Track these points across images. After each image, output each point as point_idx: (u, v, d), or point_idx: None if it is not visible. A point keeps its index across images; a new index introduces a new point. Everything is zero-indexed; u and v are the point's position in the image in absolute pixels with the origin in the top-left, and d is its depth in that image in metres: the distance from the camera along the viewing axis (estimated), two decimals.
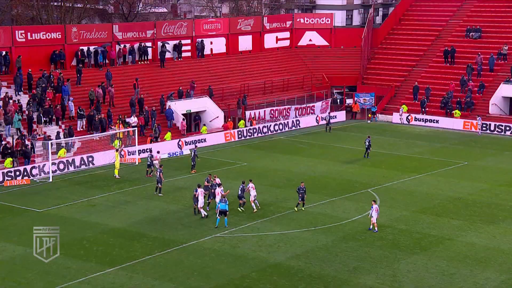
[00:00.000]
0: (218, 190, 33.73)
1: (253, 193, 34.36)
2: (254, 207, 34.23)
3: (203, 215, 33.21)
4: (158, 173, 37.60)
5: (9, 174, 40.19)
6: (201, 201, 33.25)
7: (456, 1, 68.54)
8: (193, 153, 42.89)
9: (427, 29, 66.88)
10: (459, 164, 44.65)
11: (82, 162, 43.57)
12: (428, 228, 32.40)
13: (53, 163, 41.58)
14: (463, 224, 33.09)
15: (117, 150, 42.59)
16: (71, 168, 42.91)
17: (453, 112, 57.06)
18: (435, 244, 30.44)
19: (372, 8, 71.25)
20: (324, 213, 34.49)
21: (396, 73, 63.82)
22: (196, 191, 33.45)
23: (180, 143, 48.66)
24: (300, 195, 34.11)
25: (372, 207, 31.68)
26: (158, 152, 43.24)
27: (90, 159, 44.00)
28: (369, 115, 59.46)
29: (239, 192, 34.08)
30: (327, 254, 29.07)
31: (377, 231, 31.45)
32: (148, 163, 41.32)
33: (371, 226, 31.74)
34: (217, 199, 33.23)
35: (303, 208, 34.23)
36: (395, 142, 51.61)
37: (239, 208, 34.07)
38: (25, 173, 40.75)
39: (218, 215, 32.12)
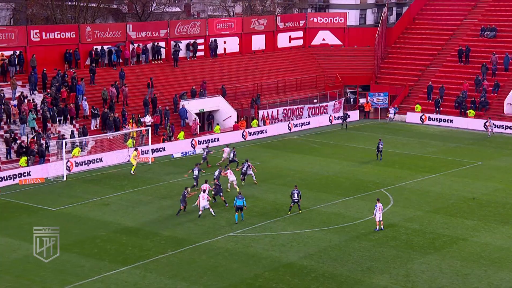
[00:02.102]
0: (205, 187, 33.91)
1: (231, 178, 36.15)
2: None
3: (200, 213, 33.31)
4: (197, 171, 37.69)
5: (23, 173, 40.44)
6: (202, 205, 33.17)
7: (470, 0, 68.11)
8: (205, 152, 42.94)
9: (442, 28, 66.51)
10: (473, 164, 44.37)
11: (96, 161, 43.75)
12: (442, 228, 32.22)
13: (67, 162, 41.77)
14: (477, 224, 32.88)
15: (136, 149, 42.83)
16: (85, 167, 43.09)
17: (468, 111, 56.70)
18: (449, 244, 30.27)
19: (386, 7, 70.96)
20: (337, 212, 34.41)
21: (410, 73, 63.51)
22: (185, 191, 33.62)
23: (193, 142, 48.75)
24: (293, 199, 33.65)
25: (376, 206, 31.55)
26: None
27: (104, 158, 44.16)
28: (388, 115, 58.93)
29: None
30: (340, 253, 29.00)
31: (383, 229, 31.36)
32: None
33: (377, 227, 31.55)
34: (202, 200, 32.98)
35: (300, 212, 34.00)
36: (408, 142, 51.38)
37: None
38: (40, 172, 40.95)
39: (236, 211, 32.17)
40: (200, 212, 33.16)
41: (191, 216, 33.77)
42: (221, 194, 35.15)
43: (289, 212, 33.80)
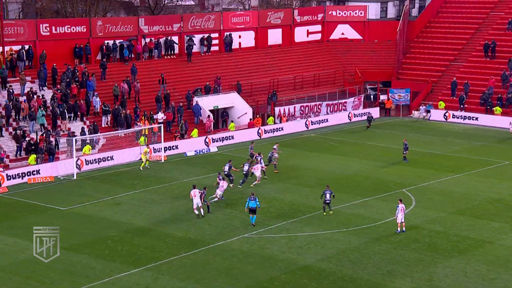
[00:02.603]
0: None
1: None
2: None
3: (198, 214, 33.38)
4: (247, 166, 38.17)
5: (33, 171, 40.69)
6: (195, 202, 33.28)
7: None
8: (250, 148, 42.92)
9: (466, 22, 66.00)
10: (499, 164, 44.00)
11: (107, 159, 43.93)
12: (467, 231, 31.98)
13: (77, 160, 41.99)
14: (504, 226, 32.59)
15: (147, 146, 43.01)
16: (96, 165, 43.29)
17: (494, 109, 56.21)
18: (474, 247, 30.03)
19: (408, 0, 70.54)
20: (356, 213, 34.29)
21: (433, 68, 63.12)
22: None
23: (207, 140, 48.80)
24: (325, 200, 33.59)
25: (398, 207, 31.39)
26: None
27: (115, 156, 44.32)
28: (416, 113, 58.31)
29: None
30: (359, 256, 28.89)
31: (405, 231, 31.21)
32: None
33: (398, 229, 31.40)
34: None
35: (331, 212, 33.92)
36: (431, 140, 51.07)
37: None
38: (49, 170, 41.18)
39: (250, 213, 32.23)
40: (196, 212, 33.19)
41: (206, 216, 33.77)
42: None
43: (324, 213, 33.78)
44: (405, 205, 32.55)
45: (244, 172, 38.31)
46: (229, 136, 50.45)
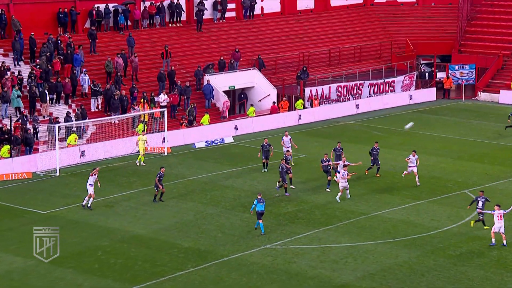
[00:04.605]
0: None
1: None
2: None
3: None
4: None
5: (6, 165, 41.08)
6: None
7: None
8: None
9: None
10: None
11: (97, 152, 44.22)
12: None
13: (61, 153, 42.33)
14: None
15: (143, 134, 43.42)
16: (83, 159, 43.60)
17: None
18: None
19: None
20: (406, 220, 34.23)
21: (505, 38, 62.70)
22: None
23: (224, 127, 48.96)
24: (477, 208, 32.65)
25: (494, 212, 30.89)
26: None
27: (107, 147, 44.62)
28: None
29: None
30: (410, 273, 28.87)
31: (506, 245, 30.95)
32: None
33: (493, 240, 31.07)
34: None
35: (486, 227, 32.74)
36: (501, 129, 50.74)
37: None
38: (26, 165, 41.57)
39: (258, 219, 32.51)
40: None
41: (218, 222, 33.95)
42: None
43: (476, 225, 32.90)
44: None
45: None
46: (248, 124, 50.54)
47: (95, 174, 35.78)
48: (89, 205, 35.44)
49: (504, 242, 31.15)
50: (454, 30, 64.23)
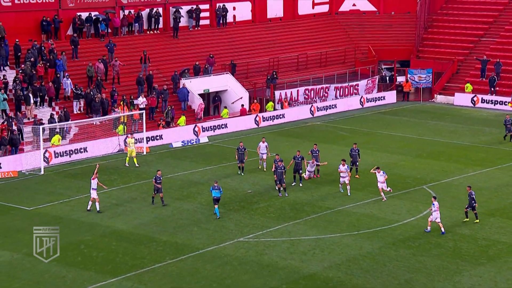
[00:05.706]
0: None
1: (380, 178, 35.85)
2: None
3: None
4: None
5: None
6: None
7: None
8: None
9: None
10: None
11: (80, 151, 43.97)
12: (497, 234, 32.10)
13: (45, 152, 42.03)
14: None
15: (132, 136, 42.73)
16: (67, 158, 43.33)
17: None
18: (506, 253, 30.15)
19: None
20: (369, 214, 34.39)
21: (459, 45, 63.20)
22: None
23: (196, 129, 48.88)
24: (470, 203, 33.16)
25: (433, 205, 31.56)
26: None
27: (89, 147, 44.37)
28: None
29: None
30: (373, 263, 29.01)
31: (445, 232, 31.48)
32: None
33: (428, 228, 31.66)
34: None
35: (476, 221, 33.23)
36: (456, 128, 51.17)
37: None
38: (12, 164, 41.23)
39: (214, 204, 33.42)
40: None
41: (194, 217, 33.90)
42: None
43: (466, 219, 33.24)
44: (426, 204, 32.57)
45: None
46: (222, 125, 50.50)
47: (95, 178, 34.86)
48: (97, 209, 34.43)
49: (442, 229, 31.64)
50: (412, 38, 64.68)
